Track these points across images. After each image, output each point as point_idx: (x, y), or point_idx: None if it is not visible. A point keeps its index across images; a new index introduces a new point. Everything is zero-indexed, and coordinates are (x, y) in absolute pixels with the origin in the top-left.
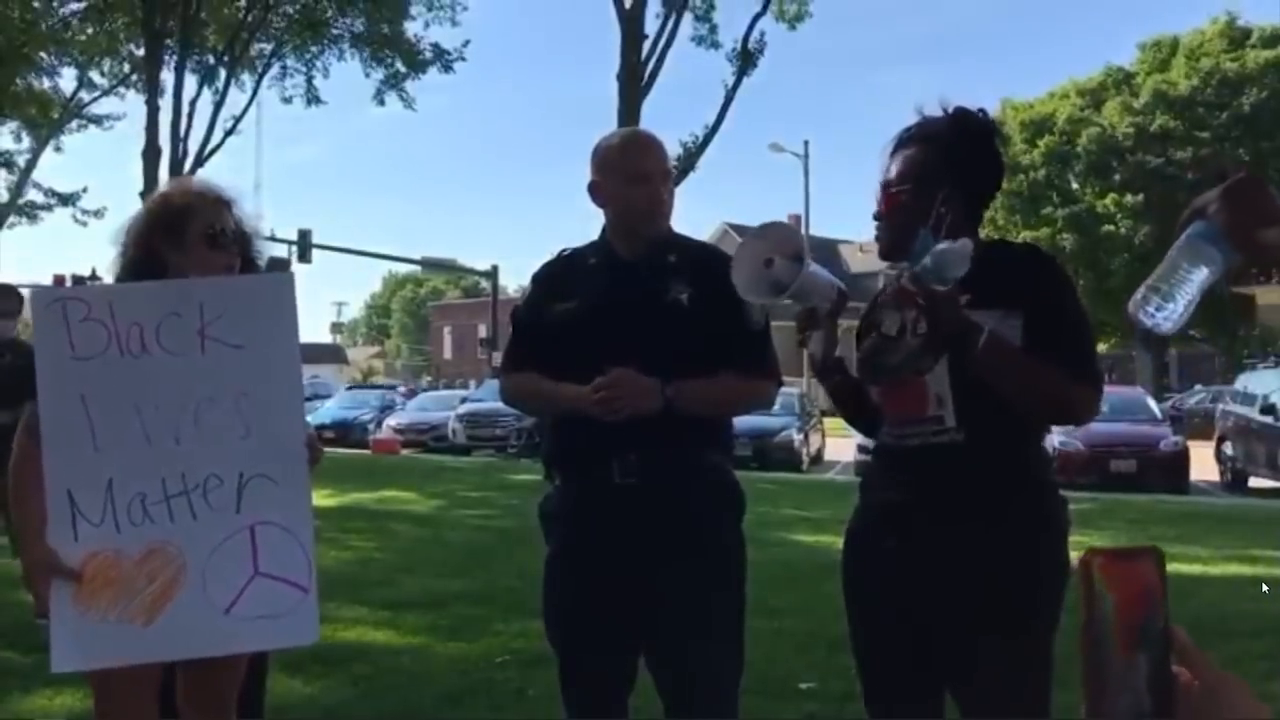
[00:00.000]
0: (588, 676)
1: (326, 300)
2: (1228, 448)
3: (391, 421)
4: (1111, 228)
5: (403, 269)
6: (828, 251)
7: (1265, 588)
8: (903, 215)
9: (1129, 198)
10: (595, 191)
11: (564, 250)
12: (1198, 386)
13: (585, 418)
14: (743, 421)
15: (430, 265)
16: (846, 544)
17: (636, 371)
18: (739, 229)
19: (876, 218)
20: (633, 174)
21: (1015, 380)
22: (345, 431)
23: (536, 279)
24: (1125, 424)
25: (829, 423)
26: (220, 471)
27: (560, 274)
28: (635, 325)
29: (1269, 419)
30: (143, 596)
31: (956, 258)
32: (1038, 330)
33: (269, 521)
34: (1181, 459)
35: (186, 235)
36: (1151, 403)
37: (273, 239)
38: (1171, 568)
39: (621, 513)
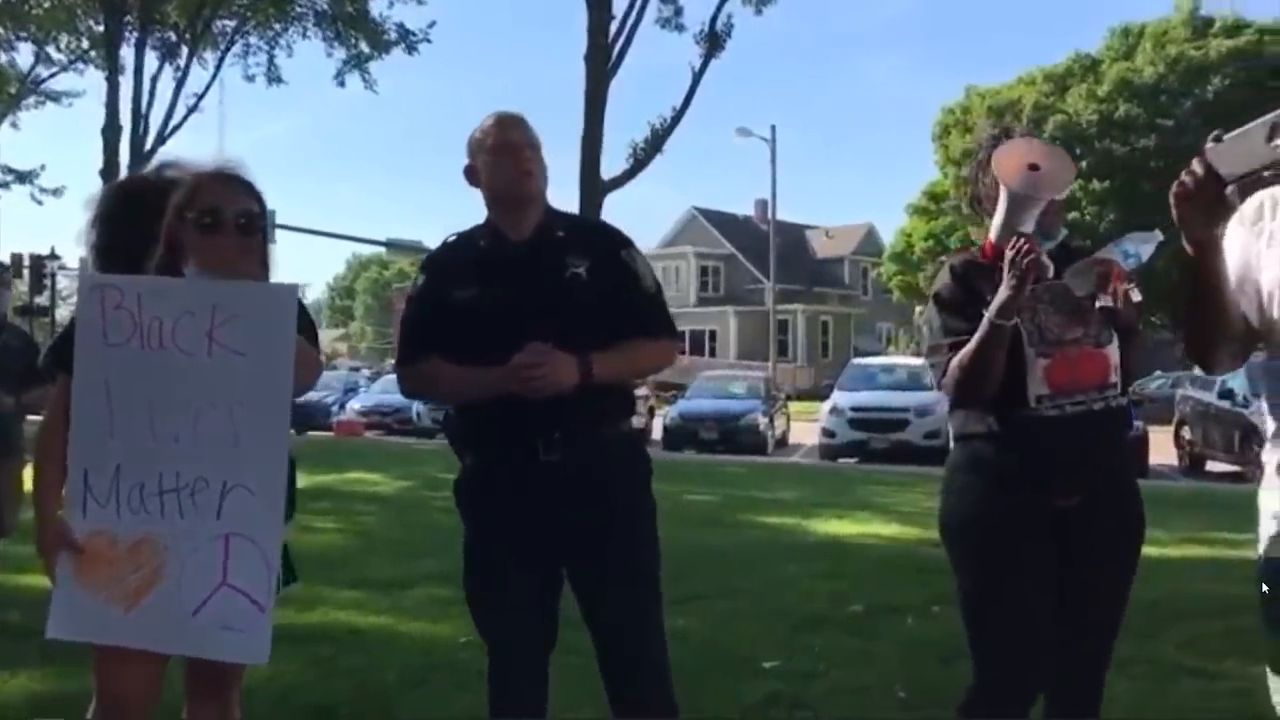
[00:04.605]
0: (522, 641)
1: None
2: (1186, 432)
3: (355, 404)
4: (1076, 214)
5: (367, 250)
6: (794, 237)
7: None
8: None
9: (1094, 184)
10: (470, 175)
11: (449, 237)
12: (1158, 372)
13: (500, 397)
14: (710, 405)
15: (395, 247)
16: (992, 505)
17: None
18: (706, 213)
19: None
20: (498, 147)
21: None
22: (308, 414)
23: (427, 268)
24: None
25: (794, 406)
26: (208, 475)
27: (452, 260)
28: (541, 304)
29: (1226, 404)
30: (127, 583)
31: (1146, 245)
32: None
33: (242, 533)
34: (1141, 443)
35: (217, 224)
36: None
37: None
38: None
39: (548, 489)
